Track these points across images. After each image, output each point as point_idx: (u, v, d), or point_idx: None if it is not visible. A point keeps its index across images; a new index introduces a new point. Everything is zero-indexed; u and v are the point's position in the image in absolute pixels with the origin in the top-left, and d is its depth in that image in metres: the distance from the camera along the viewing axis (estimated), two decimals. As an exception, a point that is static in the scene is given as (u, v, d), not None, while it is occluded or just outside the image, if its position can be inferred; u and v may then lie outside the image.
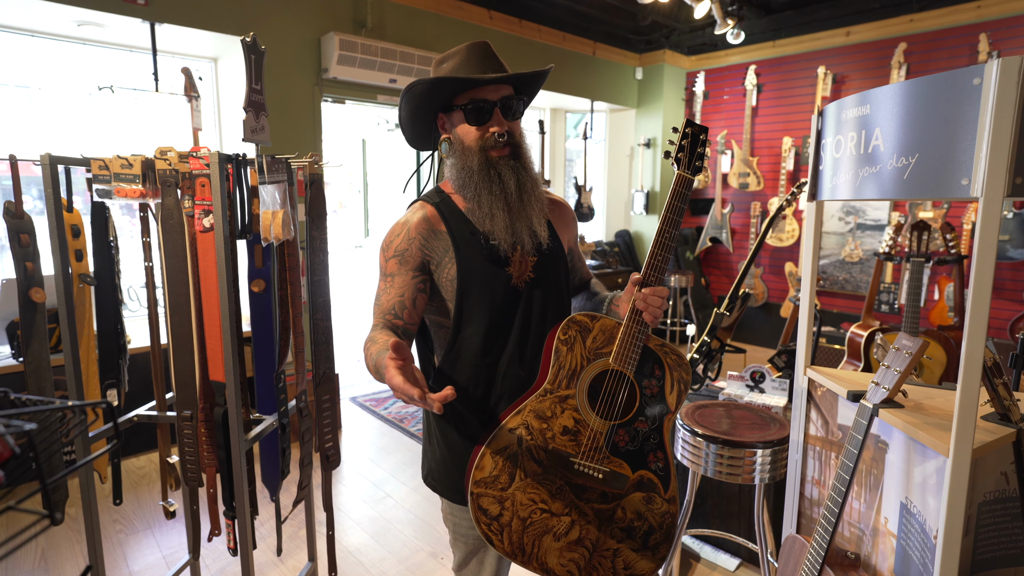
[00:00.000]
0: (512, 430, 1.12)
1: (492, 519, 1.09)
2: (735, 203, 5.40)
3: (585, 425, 1.12)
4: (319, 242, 1.74)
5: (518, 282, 1.18)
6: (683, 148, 1.14)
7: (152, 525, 2.48)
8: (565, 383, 1.13)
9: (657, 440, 1.14)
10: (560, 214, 1.30)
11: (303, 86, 3.56)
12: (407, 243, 1.16)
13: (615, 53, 5.35)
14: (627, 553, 1.10)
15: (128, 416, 1.75)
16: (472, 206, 1.16)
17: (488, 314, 1.17)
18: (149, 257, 1.75)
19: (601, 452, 1.12)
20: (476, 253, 1.16)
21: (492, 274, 1.15)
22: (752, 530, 2.17)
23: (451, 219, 1.17)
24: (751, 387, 2.29)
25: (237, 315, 1.60)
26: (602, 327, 1.15)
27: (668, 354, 1.15)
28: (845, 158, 1.14)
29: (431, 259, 1.17)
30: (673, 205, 1.15)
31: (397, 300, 1.15)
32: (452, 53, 1.19)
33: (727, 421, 1.74)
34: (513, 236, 1.15)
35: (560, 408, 1.12)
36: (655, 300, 1.11)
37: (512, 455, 1.11)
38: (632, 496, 1.13)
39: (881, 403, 1.13)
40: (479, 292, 1.16)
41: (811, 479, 1.42)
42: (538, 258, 1.20)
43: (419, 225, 1.17)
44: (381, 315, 1.15)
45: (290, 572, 2.19)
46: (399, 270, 1.16)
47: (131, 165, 1.51)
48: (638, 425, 1.13)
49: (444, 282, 1.18)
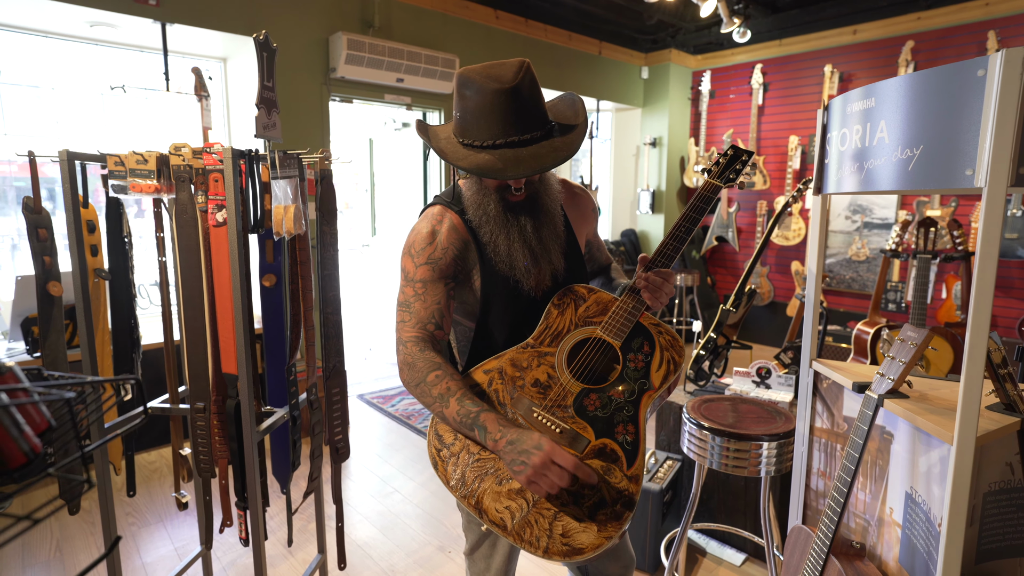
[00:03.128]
0: (487, 371, 1.14)
1: (444, 446, 1.10)
2: (741, 202, 5.40)
3: (556, 382, 1.11)
4: (329, 237, 1.76)
5: (536, 291, 1.20)
6: (718, 164, 1.25)
7: (164, 518, 2.51)
8: (548, 342, 1.15)
9: (631, 413, 1.08)
10: (578, 207, 1.31)
11: (311, 86, 3.60)
12: (442, 253, 1.16)
13: (621, 52, 5.36)
14: (568, 520, 1.01)
15: (142, 409, 1.78)
16: (490, 245, 1.15)
17: (508, 326, 1.20)
18: (163, 252, 1.78)
19: (566, 410, 1.09)
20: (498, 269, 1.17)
21: (514, 290, 1.18)
22: (758, 525, 2.18)
23: (475, 230, 1.17)
24: (757, 383, 2.30)
25: (249, 309, 1.62)
26: (598, 299, 1.17)
27: (662, 333, 1.14)
28: (850, 151, 1.16)
29: (462, 269, 1.18)
30: (695, 205, 1.20)
31: (436, 308, 1.15)
32: (473, 95, 1.04)
33: (733, 415, 1.75)
34: (532, 278, 1.17)
35: (537, 362, 1.13)
36: (656, 280, 1.13)
37: (479, 392, 1.12)
38: (589, 462, 1.05)
39: (886, 393, 1.14)
40: (501, 307, 1.19)
41: (817, 471, 1.43)
42: (562, 266, 1.22)
43: (450, 235, 1.17)
44: (420, 326, 1.14)
45: (300, 564, 2.21)
46: (432, 277, 1.15)
47: (146, 161, 1.54)
48: (613, 394, 1.10)
49: (472, 289, 1.20)
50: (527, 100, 1.05)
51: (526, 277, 1.16)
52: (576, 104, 1.16)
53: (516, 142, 1.05)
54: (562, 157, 1.06)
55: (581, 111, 1.14)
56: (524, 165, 1.04)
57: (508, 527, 1.03)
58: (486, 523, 1.04)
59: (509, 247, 1.14)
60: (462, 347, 1.28)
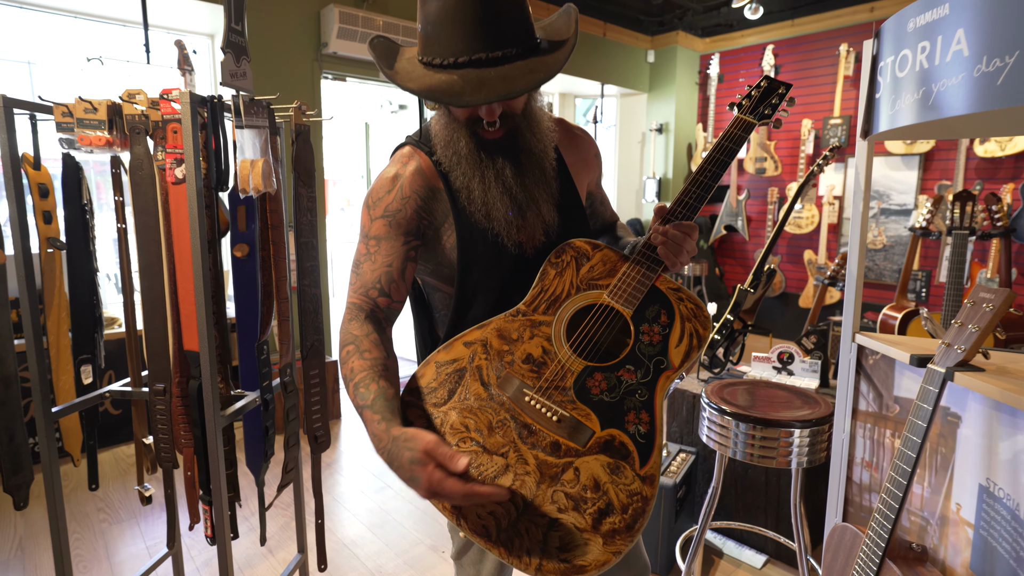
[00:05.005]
0: (468, 344, 0.94)
1: None
2: (751, 189, 5.20)
3: (553, 358, 0.92)
4: (307, 201, 1.58)
5: (528, 249, 1.01)
6: (751, 97, 1.05)
7: (137, 515, 2.33)
8: (543, 308, 0.95)
9: (645, 398, 0.90)
10: (578, 150, 1.11)
11: (302, 61, 3.42)
12: (400, 203, 0.98)
13: (626, 35, 5.17)
14: (567, 530, 0.83)
15: (100, 392, 1.60)
16: (463, 192, 0.97)
17: (496, 290, 1.01)
18: (122, 218, 1.60)
19: (565, 393, 0.90)
20: (475, 222, 0.99)
21: (496, 246, 0.99)
22: (780, 523, 1.99)
23: (447, 175, 0.99)
24: (779, 369, 2.11)
25: (216, 277, 1.45)
26: (604, 257, 0.98)
27: (683, 300, 0.95)
28: (912, 76, 0.97)
29: (429, 223, 1.00)
30: (723, 145, 1.01)
31: (384, 272, 0.97)
32: None
33: (758, 400, 1.57)
34: (518, 231, 0.98)
35: (529, 333, 0.94)
36: (677, 235, 0.94)
37: (459, 370, 0.92)
38: (592, 458, 0.86)
39: (956, 366, 0.95)
40: (483, 268, 1.00)
41: (861, 461, 1.25)
42: (554, 219, 1.03)
43: (414, 181, 0.98)
44: (363, 291, 0.97)
45: (279, 564, 2.04)
46: (387, 234, 0.97)
47: (95, 110, 1.36)
48: (623, 374, 0.91)
49: (445, 249, 1.01)
50: (502, 6, 0.85)
51: (508, 231, 0.97)
52: (570, 15, 0.95)
53: (484, 60, 0.85)
54: (537, 80, 0.86)
55: (573, 23, 0.93)
56: (488, 88, 0.84)
57: (493, 537, 0.83)
58: (465, 532, 0.84)
59: (485, 194, 0.95)
60: (442, 316, 1.09)
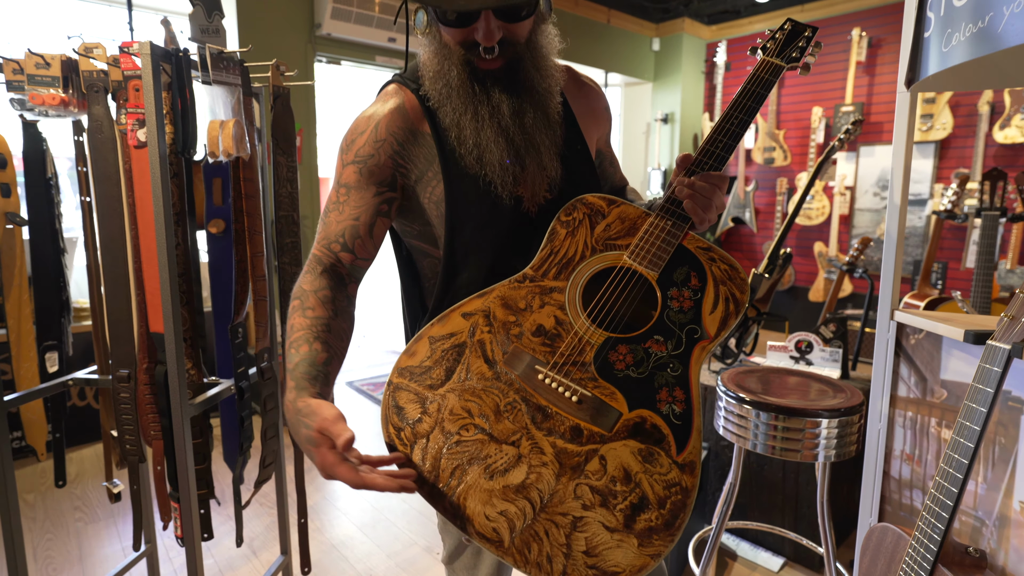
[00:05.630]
0: (467, 315, 0.81)
1: (407, 423, 0.77)
2: (759, 180, 5.06)
3: (569, 330, 0.80)
4: (286, 171, 1.45)
5: (530, 206, 0.88)
6: (775, 40, 0.95)
7: (115, 514, 2.21)
8: (554, 273, 0.83)
9: (678, 373, 0.77)
10: (587, 101, 0.99)
11: (294, 43, 3.29)
12: (373, 148, 0.86)
13: (631, 22, 5.04)
14: (596, 529, 0.71)
15: (61, 380, 1.48)
16: (453, 131, 0.85)
17: (491, 253, 0.88)
18: (87, 190, 1.48)
19: (585, 369, 0.78)
20: (466, 167, 0.86)
21: (490, 198, 0.86)
22: (798, 524, 1.86)
23: (435, 113, 0.87)
24: (796, 359, 1.98)
25: (187, 254, 1.32)
26: (622, 214, 0.85)
27: (715, 261, 0.82)
28: (971, 3, 0.83)
29: (408, 172, 0.88)
30: (750, 89, 0.88)
31: (349, 226, 0.86)
32: None
33: (780, 387, 1.43)
34: (516, 182, 0.86)
35: (540, 302, 0.81)
36: (705, 187, 0.81)
37: (457, 346, 0.80)
38: (620, 444, 0.74)
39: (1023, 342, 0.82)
40: (477, 225, 0.87)
41: (900, 454, 1.11)
42: (559, 172, 0.90)
43: (391, 121, 0.86)
44: (325, 243, 0.87)
45: (264, 567, 1.91)
46: (358, 183, 0.86)
47: (48, 65, 1.23)
48: (651, 346, 0.79)
49: (428, 203, 0.89)
50: None
51: (504, 179, 0.85)
52: None
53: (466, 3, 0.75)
54: None
55: None
56: None
57: (505, 542, 0.71)
58: (472, 537, 0.72)
59: (478, 133, 0.83)
60: (429, 287, 0.96)
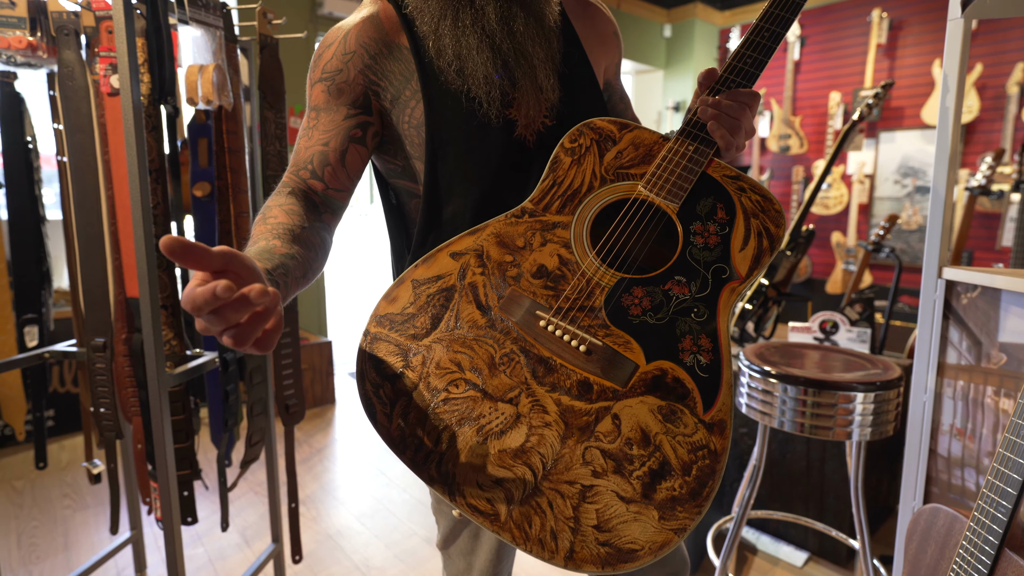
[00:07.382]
0: (457, 255, 0.70)
1: (386, 379, 0.66)
2: (775, 169, 4.91)
3: (576, 270, 0.69)
4: (275, 127, 1.36)
5: (526, 132, 0.78)
6: None
7: (105, 501, 2.13)
8: (558, 206, 0.72)
9: (704, 318, 0.65)
10: (592, 24, 0.87)
11: (294, 22, 3.21)
12: (341, 62, 0.76)
13: (641, 7, 4.92)
14: (609, 500, 0.59)
15: (37, 352, 1.39)
16: (431, 39, 0.75)
17: (479, 183, 0.77)
18: (63, 149, 1.39)
19: (594, 315, 0.66)
20: (446, 83, 0.76)
21: (481, 121, 0.75)
22: (823, 515, 1.73)
23: (414, 23, 0.76)
24: (821, 339, 1.86)
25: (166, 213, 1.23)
26: (636, 139, 0.74)
27: (745, 192, 0.70)
28: None
29: (383, 91, 0.77)
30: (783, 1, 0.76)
31: (318, 152, 0.76)
32: None
33: (808, 361, 1.31)
34: (505, 100, 0.75)
35: (541, 239, 0.70)
36: (732, 106, 0.69)
37: (445, 290, 0.69)
38: (637, 401, 0.62)
39: (1110, 284, 0.70)
40: (462, 149, 0.76)
41: (950, 429, 0.99)
42: (557, 93, 0.80)
43: (362, 31, 0.75)
44: (294, 170, 0.77)
45: (256, 556, 1.81)
46: (327, 103, 0.76)
47: (13, 5, 1.14)
48: (671, 287, 0.67)
49: (408, 129, 0.78)
50: None
51: (491, 95, 0.74)
52: None
53: None
54: None
55: None
56: None
57: (502, 516, 0.60)
58: (462, 509, 0.61)
59: (458, 40, 0.72)
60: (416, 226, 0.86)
